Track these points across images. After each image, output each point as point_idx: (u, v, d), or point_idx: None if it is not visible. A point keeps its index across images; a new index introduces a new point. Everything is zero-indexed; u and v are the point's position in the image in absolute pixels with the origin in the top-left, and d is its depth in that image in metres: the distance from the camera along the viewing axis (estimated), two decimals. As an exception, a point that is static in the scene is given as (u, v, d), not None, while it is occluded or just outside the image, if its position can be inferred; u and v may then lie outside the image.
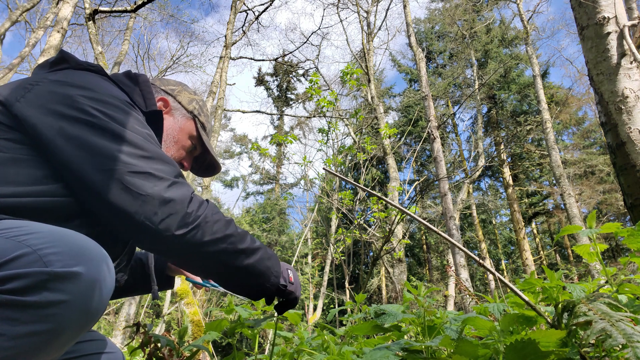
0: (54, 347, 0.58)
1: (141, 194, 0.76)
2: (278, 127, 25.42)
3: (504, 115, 20.92)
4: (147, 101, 1.00)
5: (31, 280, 0.56)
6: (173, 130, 1.10)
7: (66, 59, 0.91)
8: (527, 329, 0.98)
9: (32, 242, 0.60)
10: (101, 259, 0.65)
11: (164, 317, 11.65)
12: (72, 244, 0.62)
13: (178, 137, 1.11)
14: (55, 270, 0.58)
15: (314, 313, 12.88)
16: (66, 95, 0.79)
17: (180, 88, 1.16)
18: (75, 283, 0.59)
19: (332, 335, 1.49)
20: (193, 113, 1.14)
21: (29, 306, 0.55)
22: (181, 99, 1.13)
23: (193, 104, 1.15)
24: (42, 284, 0.56)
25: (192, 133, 1.14)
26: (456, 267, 7.73)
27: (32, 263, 0.57)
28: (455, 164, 18.98)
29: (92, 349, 1.00)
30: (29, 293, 0.55)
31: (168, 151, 1.10)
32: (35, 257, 0.58)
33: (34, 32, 12.70)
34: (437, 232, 0.99)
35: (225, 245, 0.84)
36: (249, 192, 26.08)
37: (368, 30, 13.76)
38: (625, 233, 1.04)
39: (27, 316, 0.55)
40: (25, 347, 0.54)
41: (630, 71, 2.20)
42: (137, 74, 1.05)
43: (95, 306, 0.62)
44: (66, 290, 0.58)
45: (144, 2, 5.46)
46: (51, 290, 0.56)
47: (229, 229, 0.85)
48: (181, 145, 1.12)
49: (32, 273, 0.56)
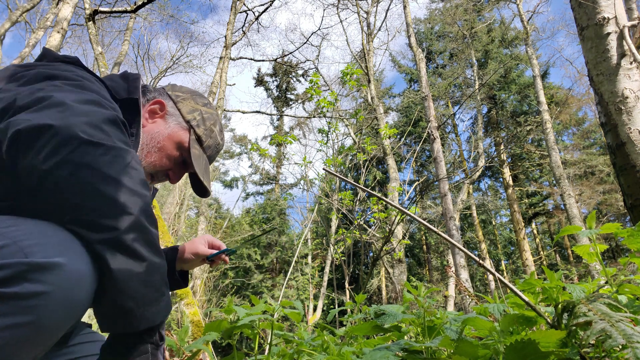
0: (38, 340, 0.57)
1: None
2: (278, 128, 25.43)
3: (504, 115, 20.94)
4: (129, 92, 0.96)
5: (11, 271, 0.55)
6: (159, 135, 1.02)
7: (45, 55, 0.91)
8: (527, 329, 0.98)
9: (13, 234, 0.59)
10: (84, 250, 0.63)
11: (164, 317, 11.62)
12: (54, 236, 0.62)
13: (163, 144, 1.02)
14: (35, 260, 0.56)
15: (314, 313, 12.88)
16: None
17: (187, 96, 1.10)
18: (57, 274, 0.58)
19: (332, 336, 1.49)
20: (190, 123, 1.06)
21: (9, 297, 0.54)
22: (182, 106, 1.07)
23: (194, 114, 1.07)
24: (22, 274, 0.55)
25: (183, 144, 1.05)
26: (456, 268, 7.73)
27: (12, 254, 0.56)
28: (455, 164, 18.99)
29: (93, 350, 0.99)
30: (8, 284, 0.54)
31: (148, 157, 1.01)
32: (15, 249, 0.57)
33: (34, 32, 12.70)
34: (437, 233, 0.99)
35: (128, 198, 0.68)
36: (248, 192, 26.08)
37: (368, 31, 13.77)
38: (625, 233, 1.04)
39: (7, 308, 0.53)
40: (9, 339, 0.53)
41: (630, 71, 2.20)
42: (130, 73, 1.03)
43: (79, 298, 0.61)
44: (47, 281, 0.56)
45: (144, 2, 5.47)
46: (31, 281, 0.55)
47: (142, 188, 0.72)
48: (166, 153, 1.03)
49: (12, 264, 0.55)
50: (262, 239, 20.73)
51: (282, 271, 20.76)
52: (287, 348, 1.47)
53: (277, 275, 20.43)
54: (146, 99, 1.07)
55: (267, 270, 20.40)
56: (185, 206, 15.18)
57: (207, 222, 11.65)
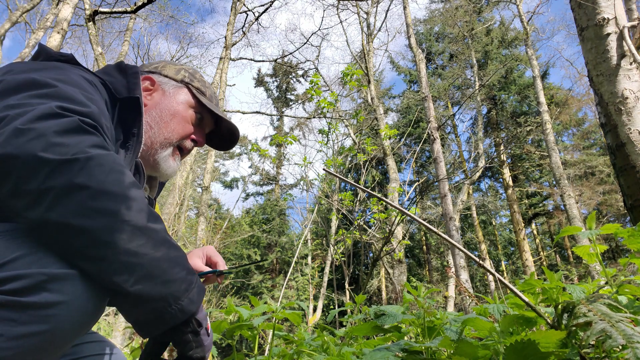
0: (52, 348, 0.58)
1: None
2: (278, 128, 25.44)
3: (504, 116, 20.94)
4: (130, 91, 0.93)
5: (30, 281, 0.56)
6: (167, 102, 1.01)
7: (41, 52, 0.88)
8: (527, 329, 0.98)
9: (28, 244, 0.60)
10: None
11: (164, 318, 11.62)
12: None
13: (176, 109, 1.02)
14: (53, 271, 0.58)
15: (314, 314, 12.87)
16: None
17: (163, 63, 1.08)
18: (73, 284, 0.59)
19: (332, 336, 1.49)
20: (184, 81, 1.05)
21: (28, 307, 0.55)
22: (167, 72, 1.06)
23: (182, 72, 1.07)
24: (41, 284, 0.56)
25: (191, 101, 1.04)
26: (456, 268, 7.73)
27: (31, 264, 0.57)
28: (455, 165, 18.98)
29: (94, 350, 0.99)
30: (28, 294, 0.55)
31: (167, 127, 0.99)
32: (34, 258, 0.58)
33: (34, 33, 12.71)
34: (437, 233, 0.99)
35: (116, 205, 0.61)
36: (248, 193, 26.09)
37: (368, 32, 13.78)
38: (625, 234, 1.04)
39: (26, 317, 0.55)
40: (24, 348, 0.55)
41: (630, 72, 2.20)
42: (127, 66, 0.99)
43: (94, 306, 0.62)
44: (64, 291, 0.58)
45: (143, 3, 5.47)
46: (50, 291, 0.56)
47: (132, 191, 0.65)
48: (182, 117, 1.02)
49: (31, 274, 0.56)
50: (262, 240, 20.73)
51: (282, 272, 20.77)
52: (287, 349, 1.47)
53: (277, 275, 20.44)
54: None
55: (267, 270, 20.41)
56: (185, 207, 15.17)
57: (207, 222, 11.64)
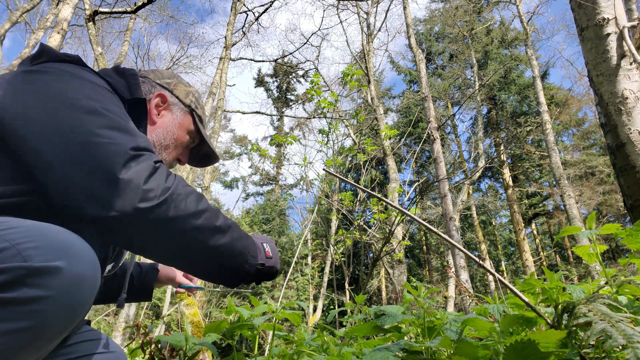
0: (38, 345, 0.56)
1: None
2: (278, 128, 25.44)
3: (504, 116, 20.95)
4: (132, 92, 0.96)
5: (10, 275, 0.54)
6: (173, 127, 1.06)
7: (44, 52, 0.87)
8: (527, 329, 0.98)
9: (12, 237, 0.58)
10: (85, 253, 0.62)
11: (164, 318, 11.64)
12: (54, 239, 0.60)
13: (178, 135, 1.07)
14: (34, 265, 0.55)
15: (314, 314, 12.87)
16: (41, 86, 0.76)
17: (175, 81, 1.12)
18: (57, 278, 0.57)
19: (332, 336, 1.49)
20: (190, 107, 1.10)
21: (8, 303, 0.53)
22: (178, 92, 1.10)
23: (190, 97, 1.11)
24: (21, 279, 0.54)
25: (190, 128, 1.10)
26: (456, 268, 7.73)
27: (10, 258, 0.55)
28: (455, 165, 18.99)
29: (92, 348, 0.99)
30: (8, 289, 0.53)
31: (167, 150, 1.06)
32: (14, 252, 0.56)
33: (34, 33, 12.70)
34: (437, 233, 0.99)
35: (200, 221, 0.75)
36: (248, 193, 26.10)
37: (368, 32, 13.77)
38: (624, 234, 1.04)
39: (7, 313, 0.53)
40: (8, 345, 0.53)
41: (630, 72, 2.20)
42: (124, 68, 1.01)
43: (79, 302, 0.60)
44: (47, 285, 0.56)
45: (143, 3, 5.47)
46: (31, 286, 0.54)
47: (201, 204, 0.77)
48: (180, 142, 1.09)
49: (11, 268, 0.54)
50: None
51: (281, 272, 20.76)
52: (287, 349, 1.47)
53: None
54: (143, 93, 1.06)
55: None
56: (185, 207, 15.14)
57: (207, 222, 11.64)
